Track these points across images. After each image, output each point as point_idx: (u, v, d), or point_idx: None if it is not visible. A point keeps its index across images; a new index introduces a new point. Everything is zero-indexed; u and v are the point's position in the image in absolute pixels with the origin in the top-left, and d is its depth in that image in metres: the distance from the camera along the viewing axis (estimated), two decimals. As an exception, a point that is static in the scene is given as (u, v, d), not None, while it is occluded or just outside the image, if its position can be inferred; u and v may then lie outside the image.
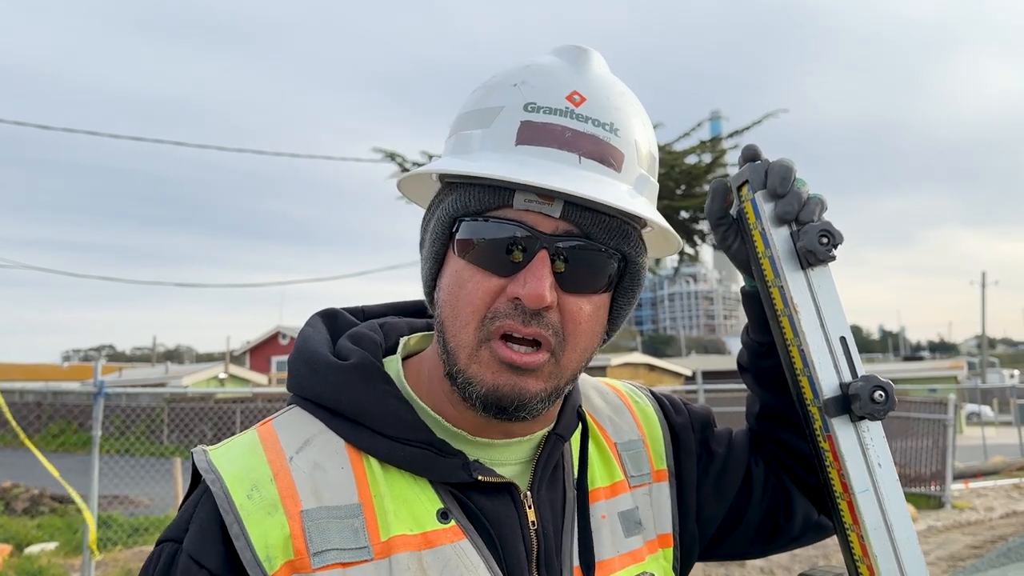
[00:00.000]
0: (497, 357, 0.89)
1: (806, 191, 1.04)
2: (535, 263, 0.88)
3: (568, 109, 0.91)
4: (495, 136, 0.92)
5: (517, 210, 0.90)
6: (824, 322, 1.02)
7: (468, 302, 0.90)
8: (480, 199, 0.91)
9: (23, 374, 37.23)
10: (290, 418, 0.98)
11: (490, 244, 0.90)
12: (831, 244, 1.01)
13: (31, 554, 8.88)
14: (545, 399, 0.92)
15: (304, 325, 1.07)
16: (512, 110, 0.92)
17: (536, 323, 0.88)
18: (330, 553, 0.85)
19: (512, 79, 0.94)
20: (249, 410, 19.52)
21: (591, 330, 0.94)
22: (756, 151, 1.08)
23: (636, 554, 1.06)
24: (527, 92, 0.92)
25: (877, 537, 0.98)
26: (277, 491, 0.87)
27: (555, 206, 0.89)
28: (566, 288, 0.90)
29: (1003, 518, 10.82)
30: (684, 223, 13.79)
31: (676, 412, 1.23)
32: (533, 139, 0.90)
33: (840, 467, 1.01)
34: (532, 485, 0.99)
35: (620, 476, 1.10)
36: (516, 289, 0.88)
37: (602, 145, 0.91)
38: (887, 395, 0.97)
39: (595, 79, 0.94)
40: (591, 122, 0.91)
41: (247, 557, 0.83)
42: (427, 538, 0.90)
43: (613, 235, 0.93)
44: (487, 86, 0.97)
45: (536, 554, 0.96)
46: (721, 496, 1.18)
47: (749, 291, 1.15)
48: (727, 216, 1.12)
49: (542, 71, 0.94)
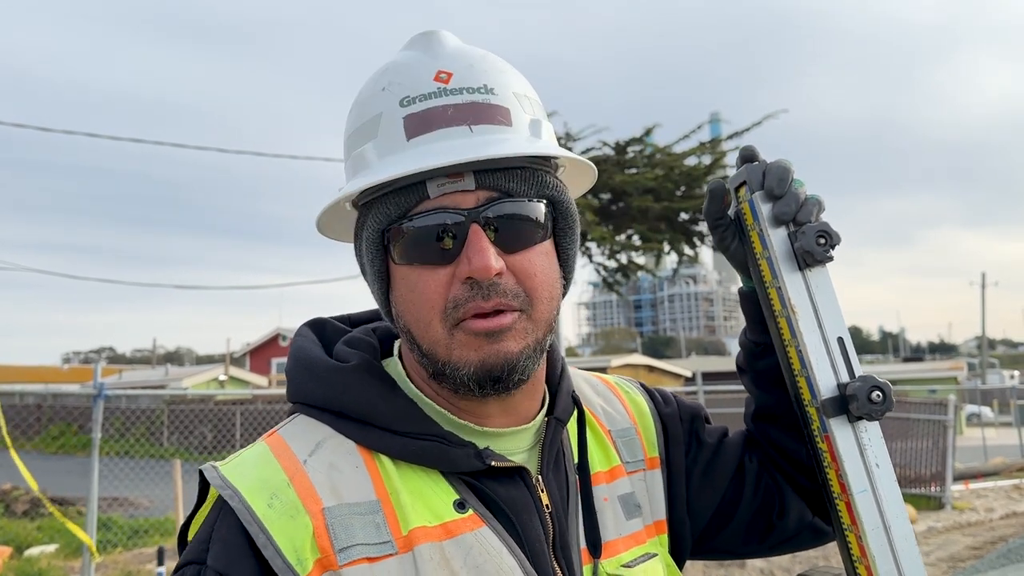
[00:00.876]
0: (472, 332, 0.90)
1: (804, 192, 1.04)
2: (471, 239, 0.89)
3: (440, 89, 0.93)
4: (385, 140, 0.93)
5: (435, 199, 0.91)
6: (822, 323, 1.03)
7: (425, 300, 0.91)
8: (398, 203, 0.92)
9: (23, 376, 37.23)
10: (296, 426, 0.98)
11: (423, 239, 0.91)
12: (829, 245, 1.01)
13: (31, 556, 8.88)
14: (531, 355, 0.93)
15: (295, 336, 1.08)
16: (390, 111, 0.93)
17: (495, 294, 0.90)
18: (356, 548, 0.85)
19: (379, 84, 0.96)
20: (249, 412, 19.54)
21: (548, 279, 0.95)
22: (754, 152, 1.09)
23: (638, 536, 1.07)
24: (397, 90, 0.94)
25: (875, 537, 0.98)
26: (296, 494, 0.87)
27: (468, 180, 0.91)
28: (508, 249, 0.92)
29: (1003, 519, 10.81)
30: (684, 224, 13.78)
31: (665, 403, 1.24)
32: (421, 128, 0.91)
33: (838, 467, 1.01)
34: (541, 469, 1.00)
35: (617, 461, 1.12)
36: (463, 270, 0.89)
37: (484, 108, 0.93)
38: (884, 395, 0.97)
39: (452, 53, 0.96)
40: (465, 91, 0.93)
41: (278, 564, 0.83)
42: (447, 528, 0.90)
43: (530, 184, 0.94)
44: (359, 102, 0.99)
45: (552, 537, 0.97)
46: (711, 487, 1.19)
47: (747, 292, 1.15)
48: (725, 217, 1.12)
49: (402, 66, 0.96)
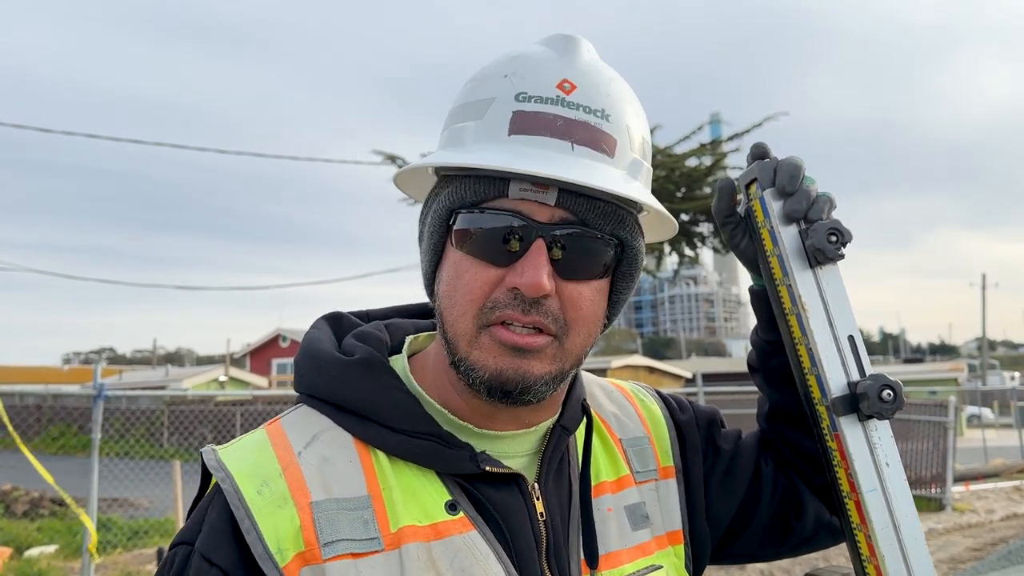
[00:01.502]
0: (497, 341, 0.90)
1: (815, 189, 1.04)
2: (532, 252, 0.89)
3: (559, 97, 0.91)
4: (488, 127, 0.92)
5: (512, 200, 0.90)
6: (832, 321, 1.02)
7: (466, 292, 0.91)
8: (476, 190, 0.91)
9: (23, 377, 37.23)
10: (297, 416, 0.98)
11: (487, 234, 0.90)
12: (840, 242, 1.01)
13: (31, 557, 8.87)
14: (550, 382, 0.92)
15: (309, 328, 1.08)
16: (503, 101, 0.92)
17: (535, 311, 0.89)
18: (341, 544, 0.85)
19: (502, 70, 0.95)
20: (249, 413, 19.52)
21: (592, 315, 0.94)
22: (765, 149, 1.08)
23: (644, 547, 1.06)
24: (518, 82, 0.92)
25: (884, 537, 0.98)
26: (287, 485, 0.88)
27: (550, 194, 0.90)
28: (564, 275, 0.91)
29: (1003, 520, 10.80)
30: (684, 225, 13.79)
31: (681, 411, 1.23)
32: (525, 128, 0.90)
33: (848, 466, 1.00)
34: (539, 477, 0.99)
35: (626, 471, 1.10)
36: (514, 279, 0.88)
37: (594, 131, 0.91)
38: (895, 394, 0.97)
39: (585, 66, 0.95)
40: (582, 109, 0.91)
41: (258, 551, 0.83)
42: (436, 529, 0.90)
43: (608, 220, 0.93)
44: (478, 78, 0.97)
45: (545, 545, 0.96)
46: (729, 493, 1.18)
47: (757, 290, 1.15)
48: (735, 214, 1.12)
49: (532, 61, 0.94)
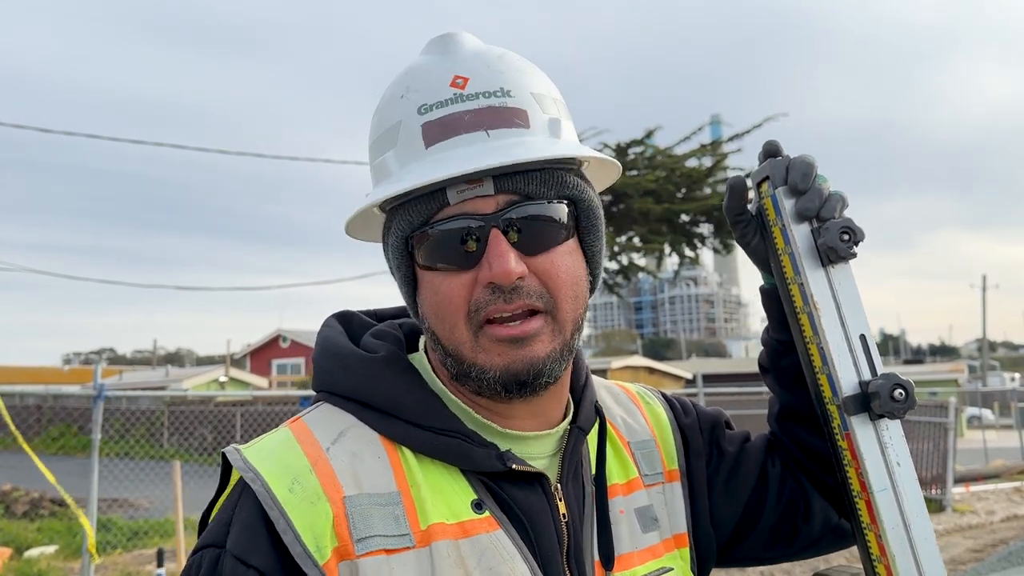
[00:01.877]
0: (496, 338, 0.91)
1: (827, 187, 1.03)
2: (491, 244, 0.90)
3: (456, 95, 0.93)
4: (405, 149, 0.94)
5: (455, 205, 0.92)
6: (844, 320, 1.02)
7: (448, 303, 0.92)
8: (419, 211, 0.93)
9: (24, 377, 37.20)
10: (320, 414, 0.98)
11: (444, 246, 0.92)
12: (852, 241, 1.00)
13: (31, 557, 8.87)
14: (557, 358, 0.93)
15: (321, 326, 1.08)
16: (409, 119, 0.94)
17: (517, 296, 0.90)
18: (374, 539, 0.85)
19: (397, 92, 0.97)
20: (249, 413, 19.50)
21: (572, 277, 0.95)
22: (777, 147, 1.08)
23: (654, 550, 1.06)
24: (414, 97, 0.94)
25: (895, 537, 0.97)
26: (318, 480, 0.88)
27: (487, 185, 0.91)
28: (530, 252, 0.92)
29: (1004, 522, 10.81)
30: (685, 226, 13.79)
31: (685, 413, 1.23)
32: (439, 136, 0.92)
33: (858, 466, 1.00)
34: (561, 478, 1.00)
35: (635, 474, 1.11)
36: (485, 275, 0.90)
37: (501, 112, 0.93)
38: (907, 393, 0.96)
39: (469, 56, 0.96)
40: (481, 96, 0.93)
41: (297, 550, 0.83)
42: (464, 527, 0.90)
43: (551, 186, 0.94)
44: (380, 109, 0.99)
45: (567, 547, 0.96)
46: (734, 496, 1.17)
47: (768, 288, 1.14)
48: (746, 212, 1.11)
49: (420, 72, 0.96)
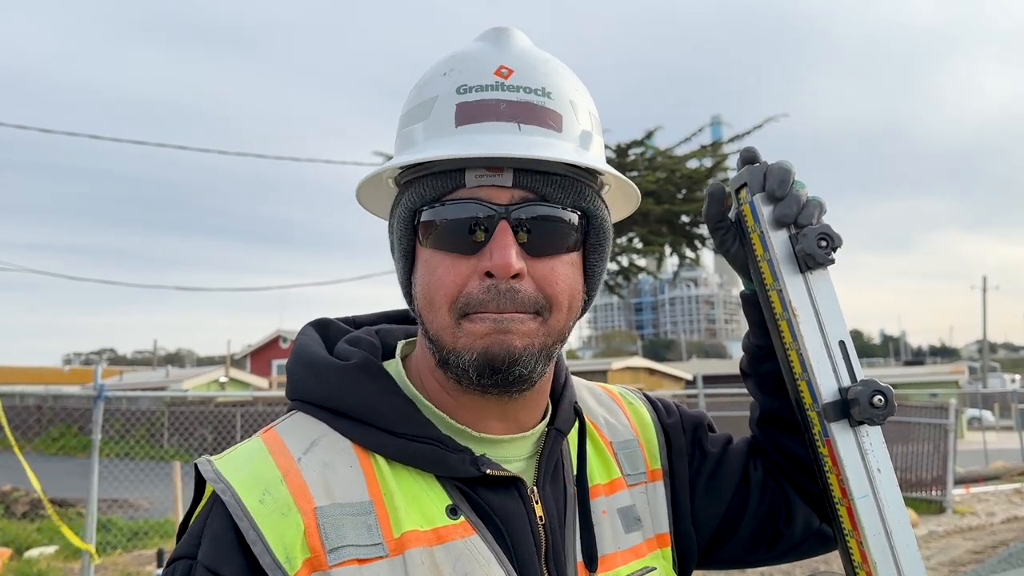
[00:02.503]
0: (479, 321, 0.90)
1: (805, 194, 1.03)
2: (497, 235, 0.89)
3: (498, 83, 0.93)
4: (435, 124, 0.94)
5: (470, 188, 0.91)
6: (823, 326, 1.02)
7: (440, 286, 0.91)
8: (434, 186, 0.92)
9: (24, 377, 37.23)
10: (293, 423, 0.97)
11: (451, 225, 0.91)
12: (830, 247, 1.00)
13: (31, 558, 8.87)
14: (536, 356, 0.92)
15: (298, 335, 1.08)
16: (446, 96, 0.94)
17: (510, 302, 0.89)
18: (346, 549, 0.85)
19: (441, 69, 0.97)
20: (249, 414, 19.51)
21: (569, 288, 0.94)
22: (754, 153, 1.08)
23: (637, 550, 1.06)
24: (456, 77, 0.94)
25: (876, 543, 0.97)
26: (289, 491, 0.87)
27: (506, 176, 0.91)
28: (534, 253, 0.91)
29: (1004, 523, 10.79)
30: (685, 227, 13.79)
31: (668, 414, 1.23)
32: (471, 118, 0.92)
33: (839, 472, 1.00)
34: (537, 480, 0.99)
35: (617, 474, 1.11)
36: (484, 263, 0.89)
37: (537, 110, 0.93)
38: (886, 400, 0.96)
39: (519, 52, 0.96)
40: (523, 90, 0.93)
41: (267, 561, 0.82)
42: (438, 534, 0.89)
43: (568, 193, 0.94)
44: (419, 83, 0.99)
45: (545, 549, 0.96)
46: (716, 497, 1.18)
47: (748, 294, 1.14)
48: (725, 219, 1.11)
49: (468, 56, 0.96)
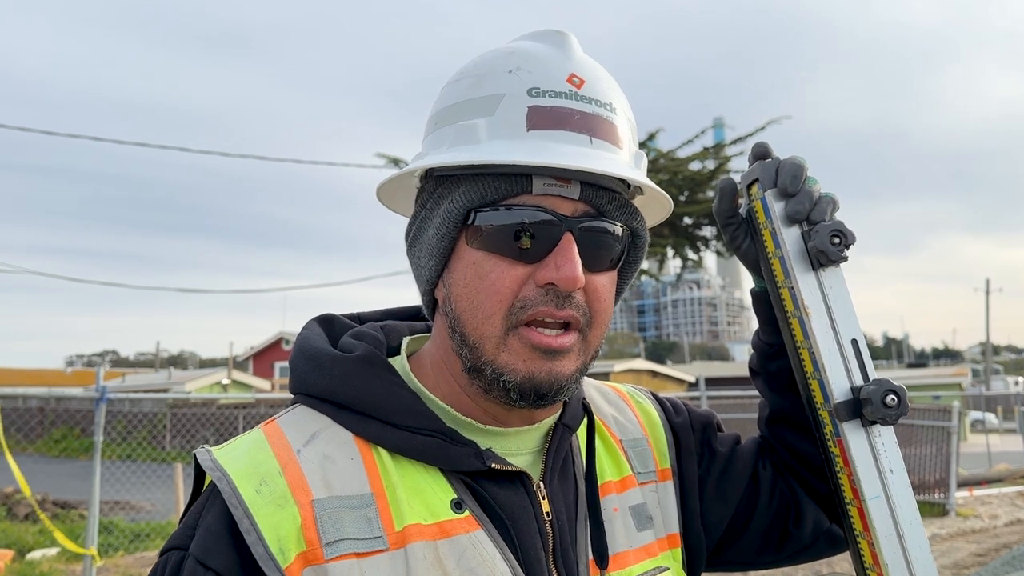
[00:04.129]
0: (528, 344, 0.89)
1: (817, 190, 1.02)
2: (563, 246, 0.88)
3: (572, 92, 0.91)
4: (502, 123, 0.90)
5: (536, 195, 0.89)
6: (835, 324, 1.00)
7: (493, 292, 0.89)
8: (497, 187, 0.89)
9: (26, 379, 37.24)
10: (295, 416, 0.96)
11: (511, 231, 0.89)
12: (843, 244, 0.99)
13: (32, 560, 8.86)
14: (577, 379, 0.93)
15: (302, 329, 1.06)
16: (515, 96, 0.91)
17: (569, 306, 0.89)
18: (344, 543, 0.83)
19: (504, 66, 0.93)
20: (252, 416, 19.49)
21: (610, 305, 0.95)
22: (766, 149, 1.06)
23: (649, 548, 1.05)
24: (526, 78, 0.91)
25: (888, 545, 0.96)
26: (287, 483, 0.86)
27: (573, 188, 0.90)
28: (589, 267, 0.91)
29: (1007, 526, 10.76)
30: (688, 229, 13.78)
31: (676, 413, 1.22)
32: (544, 123, 0.90)
33: (851, 473, 0.98)
34: (544, 475, 0.98)
35: (628, 471, 1.09)
36: (548, 274, 0.88)
37: (607, 124, 0.93)
38: (899, 399, 0.95)
39: (583, 61, 0.95)
40: (595, 103, 0.92)
41: (259, 552, 0.81)
42: (442, 528, 0.88)
43: (623, 211, 0.94)
44: (476, 75, 0.95)
45: (552, 545, 0.94)
46: (725, 497, 1.16)
47: (759, 292, 1.13)
48: (736, 215, 1.10)
49: (534, 56, 0.93)
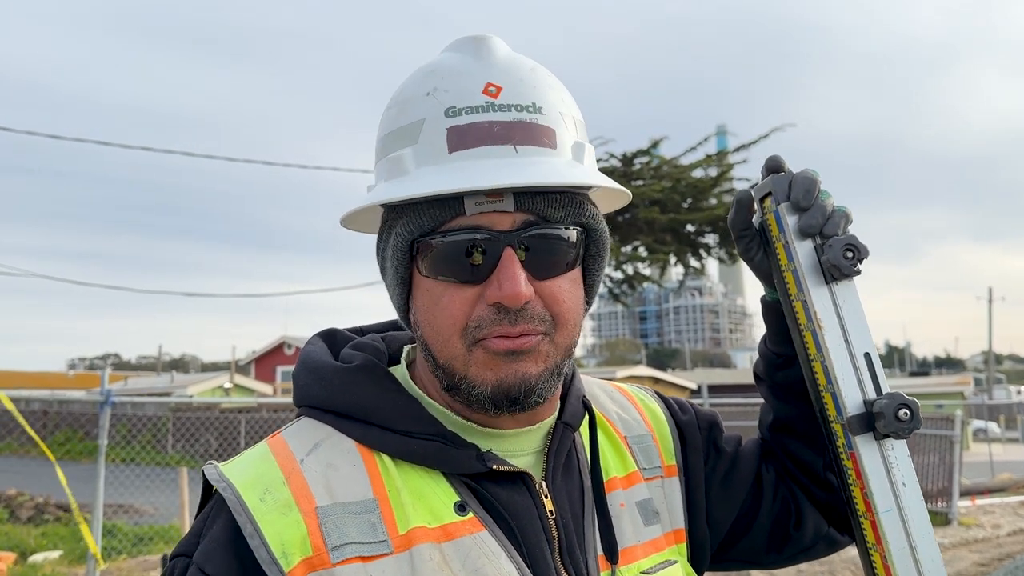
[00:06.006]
0: (491, 351, 0.89)
1: (831, 204, 1.02)
2: (504, 263, 0.87)
3: (488, 103, 0.89)
4: (426, 150, 0.90)
5: (471, 216, 0.88)
6: (848, 338, 1.01)
7: (446, 316, 0.90)
8: (432, 216, 0.89)
9: (29, 382, 37.25)
10: (298, 428, 0.98)
11: (453, 256, 0.89)
12: (856, 258, 0.99)
13: (35, 562, 8.87)
14: (549, 378, 0.92)
15: (305, 344, 1.07)
16: (434, 120, 0.90)
17: (522, 320, 0.88)
18: (349, 547, 0.84)
19: (423, 88, 0.92)
20: (254, 420, 19.48)
21: (574, 306, 0.94)
22: (780, 162, 1.06)
23: (656, 543, 1.05)
24: (443, 97, 0.90)
25: (901, 558, 0.96)
26: (290, 492, 0.87)
27: (507, 201, 0.88)
28: (539, 275, 0.90)
29: (1010, 535, 10.73)
30: (690, 236, 13.79)
31: (682, 411, 1.22)
32: (464, 143, 0.88)
33: (863, 486, 0.99)
34: (546, 475, 0.98)
35: (634, 467, 1.10)
36: (493, 293, 0.87)
37: (531, 128, 0.90)
38: (912, 413, 0.95)
39: (503, 65, 0.93)
40: (514, 109, 0.89)
41: (263, 555, 0.82)
42: (446, 530, 0.88)
43: (568, 211, 0.92)
44: (400, 100, 0.95)
45: (558, 543, 0.95)
46: (730, 496, 1.17)
47: (770, 301, 1.13)
48: (750, 227, 1.10)
49: (450, 71, 0.92)
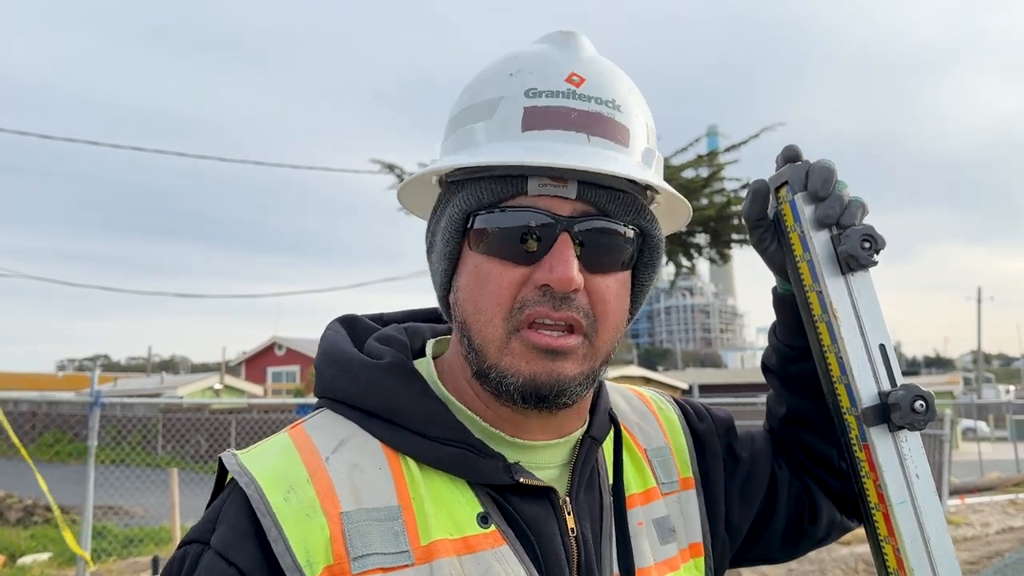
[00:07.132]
0: (529, 345, 0.87)
1: (847, 194, 1.02)
2: (558, 247, 0.87)
3: (570, 90, 0.90)
4: (499, 126, 0.90)
5: (532, 196, 0.88)
6: (864, 329, 1.00)
7: (492, 294, 0.88)
8: (493, 190, 0.89)
9: (17, 383, 37.00)
10: (322, 420, 0.95)
11: (509, 233, 0.88)
12: (873, 249, 0.99)
13: (24, 565, 8.81)
14: (583, 383, 0.90)
15: (325, 330, 1.04)
16: (513, 98, 0.90)
17: (566, 307, 0.87)
18: (371, 558, 0.82)
19: (507, 68, 0.93)
20: (244, 421, 19.41)
21: (619, 308, 0.93)
22: (796, 151, 1.06)
23: (672, 562, 1.04)
24: (525, 79, 0.91)
25: (914, 550, 0.96)
26: (315, 492, 0.84)
27: (570, 187, 0.88)
28: (590, 269, 0.89)
29: (999, 534, 10.79)
30: (681, 236, 13.81)
31: (699, 419, 1.21)
32: (539, 123, 0.89)
33: (877, 477, 0.98)
34: (571, 491, 0.97)
35: (653, 483, 1.08)
36: (543, 275, 0.86)
37: (607, 122, 0.90)
38: (928, 405, 0.95)
39: (588, 59, 0.94)
40: (594, 101, 0.90)
41: (287, 562, 0.80)
42: (467, 543, 0.87)
43: (629, 210, 0.92)
44: (481, 80, 0.95)
45: (577, 562, 0.93)
46: (748, 501, 1.16)
47: (782, 293, 1.13)
48: (765, 218, 1.09)
49: (536, 58, 0.93)
